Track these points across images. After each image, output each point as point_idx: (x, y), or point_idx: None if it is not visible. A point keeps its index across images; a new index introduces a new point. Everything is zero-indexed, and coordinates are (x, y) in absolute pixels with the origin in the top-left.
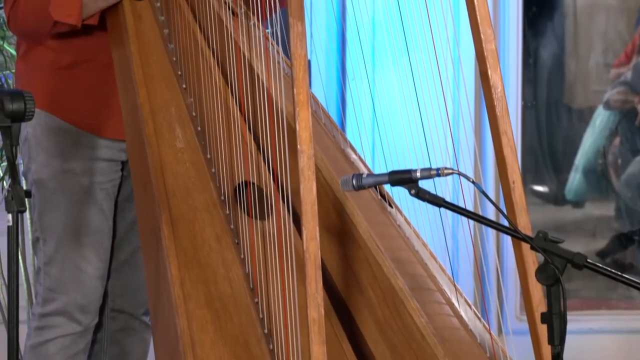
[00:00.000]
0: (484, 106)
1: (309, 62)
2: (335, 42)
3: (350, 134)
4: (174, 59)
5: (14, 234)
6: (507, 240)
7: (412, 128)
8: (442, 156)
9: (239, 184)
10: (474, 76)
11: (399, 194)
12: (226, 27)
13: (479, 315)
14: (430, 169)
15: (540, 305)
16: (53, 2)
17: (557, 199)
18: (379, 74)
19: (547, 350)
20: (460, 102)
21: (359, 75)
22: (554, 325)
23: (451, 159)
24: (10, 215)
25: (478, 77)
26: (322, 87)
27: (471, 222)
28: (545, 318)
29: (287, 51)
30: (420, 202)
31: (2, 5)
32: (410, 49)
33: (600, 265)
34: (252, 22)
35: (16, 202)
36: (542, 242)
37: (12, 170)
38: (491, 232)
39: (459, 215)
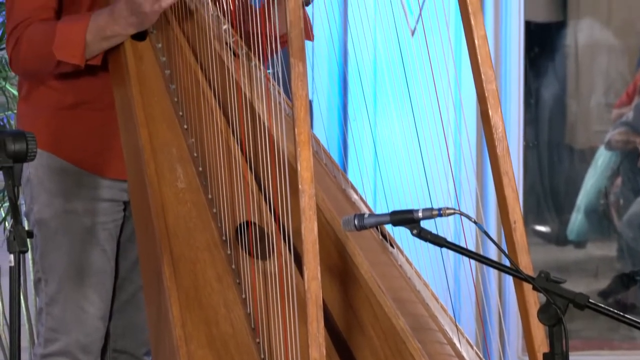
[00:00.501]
0: (485, 146)
1: (311, 102)
2: (337, 83)
3: (352, 175)
4: (176, 99)
5: (15, 274)
6: (509, 280)
7: (413, 168)
8: (444, 196)
9: (240, 224)
10: (475, 116)
11: (400, 234)
12: (227, 67)
13: (481, 356)
14: (431, 209)
15: (542, 345)
16: (56, 42)
17: (559, 239)
18: (380, 114)
19: None
20: (462, 142)
21: (360, 115)
22: None
23: (452, 199)
24: (12, 256)
25: (479, 117)
26: (324, 128)
27: (473, 262)
28: (547, 358)
29: (288, 92)
30: (422, 242)
31: (4, 45)
32: (411, 89)
33: (603, 305)
34: (253, 63)
35: (18, 242)
36: (544, 282)
37: (14, 211)
38: (493, 272)
39: (461, 255)
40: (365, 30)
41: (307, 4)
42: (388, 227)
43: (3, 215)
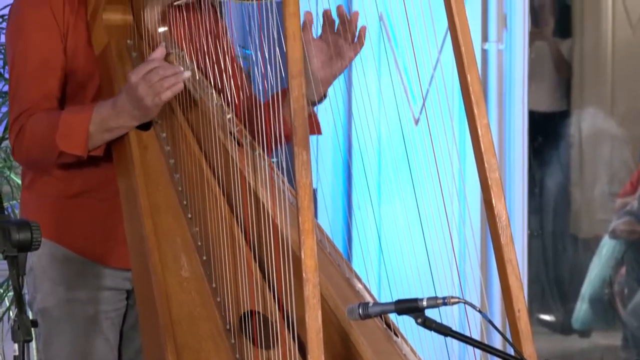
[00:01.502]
0: (489, 235)
1: (315, 191)
2: (341, 171)
3: (356, 263)
4: (180, 188)
5: None
6: None
7: (417, 257)
8: (448, 285)
9: (244, 313)
10: (479, 205)
11: (404, 323)
12: (232, 157)
13: None
14: (436, 297)
15: None
16: (59, 133)
17: (563, 328)
18: (384, 203)
19: None
20: (466, 230)
21: (364, 204)
22: None
23: (457, 287)
24: (16, 345)
25: (483, 206)
26: (328, 216)
27: (478, 351)
28: None
29: (292, 180)
30: (427, 331)
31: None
32: (415, 178)
33: None
34: (257, 152)
35: (22, 332)
36: None
37: (19, 300)
38: None
39: (466, 345)
40: (369, 118)
41: (319, 102)
42: (392, 316)
43: (7, 304)
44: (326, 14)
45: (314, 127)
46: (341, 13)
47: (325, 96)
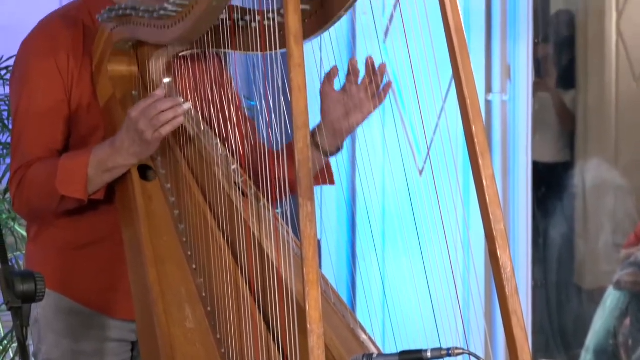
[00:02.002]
0: (494, 285)
1: (319, 241)
2: (346, 222)
3: (361, 314)
4: (184, 239)
5: None
6: None
7: (422, 308)
8: (453, 336)
9: None
10: (483, 256)
11: None
12: (236, 207)
13: None
14: (440, 348)
15: None
16: (59, 178)
17: None
18: (388, 253)
19: None
20: (470, 281)
21: (368, 255)
22: None
23: (462, 338)
24: None
25: (488, 257)
26: (332, 267)
27: None
28: None
29: (297, 231)
30: None
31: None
32: (419, 228)
33: None
34: (262, 203)
35: None
36: None
37: (23, 352)
38: None
39: None
40: (373, 169)
41: (335, 153)
42: None
43: (12, 356)
44: (352, 63)
45: (328, 178)
46: (370, 63)
47: (341, 148)
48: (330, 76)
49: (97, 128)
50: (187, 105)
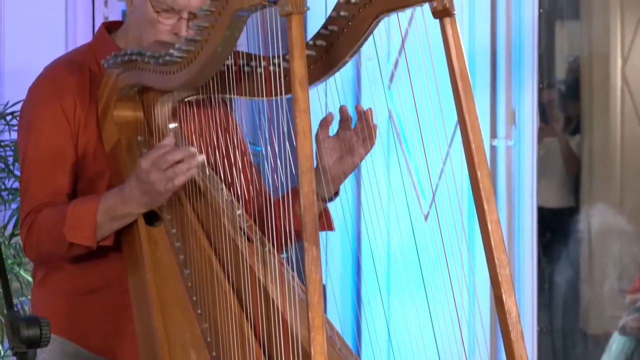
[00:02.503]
0: (499, 330)
1: (324, 286)
2: (351, 267)
3: (366, 359)
4: (190, 284)
5: None
6: None
7: (427, 352)
8: None
9: None
10: (489, 301)
11: None
12: (241, 252)
13: None
14: None
15: None
16: (67, 224)
17: None
18: (393, 298)
19: None
20: (476, 326)
21: (374, 299)
22: None
23: None
24: None
25: (493, 302)
26: (337, 312)
27: None
28: None
29: (302, 275)
30: None
31: (17, 231)
32: (424, 273)
33: None
34: (267, 248)
35: None
36: None
37: None
38: None
39: None
40: (378, 213)
41: (332, 199)
42: None
43: None
44: (342, 111)
45: (326, 224)
46: (359, 110)
47: (337, 194)
48: (325, 123)
49: (103, 173)
50: (202, 158)
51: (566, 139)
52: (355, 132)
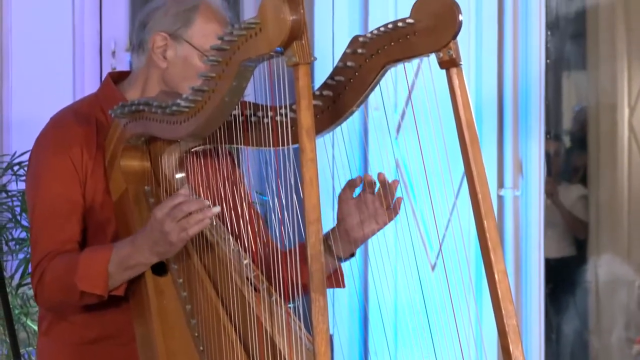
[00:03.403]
0: None
1: (331, 336)
2: (358, 316)
3: None
4: (196, 334)
5: None
6: None
7: None
8: None
9: None
10: (496, 351)
11: None
12: (248, 302)
13: None
14: None
15: None
16: (79, 273)
17: None
18: (401, 348)
19: None
20: None
21: (381, 350)
22: None
23: None
24: None
25: (500, 352)
26: None
27: None
28: None
29: (309, 326)
30: None
31: (25, 282)
32: (432, 323)
33: None
34: (274, 298)
35: None
36: None
37: None
38: None
39: None
40: (385, 263)
41: (345, 259)
42: None
43: None
44: (366, 178)
45: (337, 281)
46: (382, 179)
47: (353, 255)
48: (353, 184)
49: (110, 221)
50: (217, 210)
51: (563, 205)
52: (379, 198)
